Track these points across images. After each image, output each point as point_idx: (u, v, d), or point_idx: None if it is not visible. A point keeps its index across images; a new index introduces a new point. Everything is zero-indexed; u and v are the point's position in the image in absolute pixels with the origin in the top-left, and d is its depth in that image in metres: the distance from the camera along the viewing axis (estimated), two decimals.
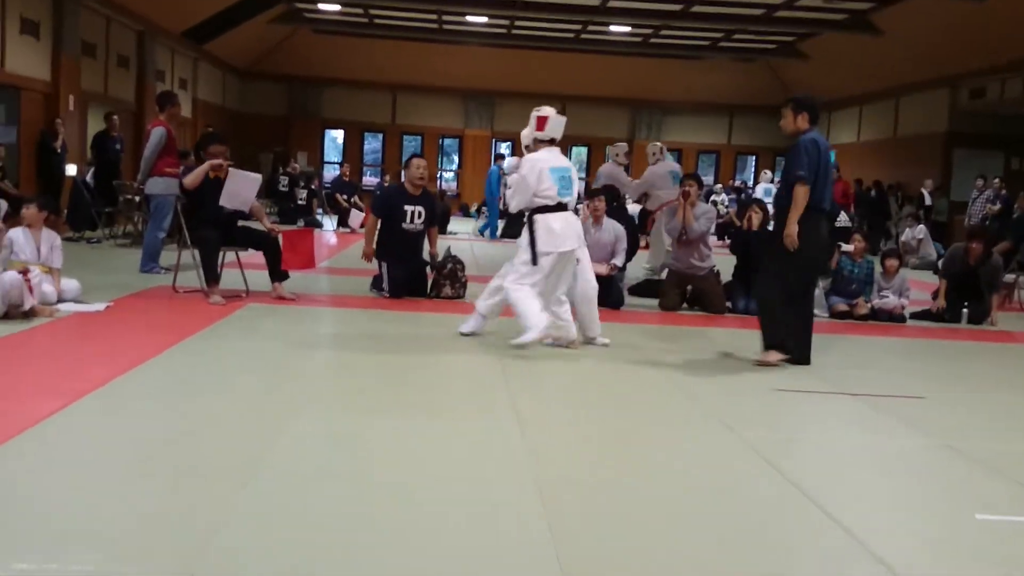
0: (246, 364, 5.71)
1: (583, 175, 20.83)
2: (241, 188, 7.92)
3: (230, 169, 7.92)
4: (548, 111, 6.44)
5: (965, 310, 9.27)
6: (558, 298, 6.52)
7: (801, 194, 6.11)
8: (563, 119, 6.45)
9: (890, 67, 20.02)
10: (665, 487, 3.80)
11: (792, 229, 6.10)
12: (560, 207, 6.37)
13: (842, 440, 4.81)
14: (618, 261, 8.74)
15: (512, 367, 5.89)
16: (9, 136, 13.09)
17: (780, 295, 6.33)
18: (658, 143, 13.21)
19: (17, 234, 6.91)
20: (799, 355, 6.43)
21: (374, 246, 8.63)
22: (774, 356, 6.35)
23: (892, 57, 19.53)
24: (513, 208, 6.63)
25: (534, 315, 6.20)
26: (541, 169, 6.31)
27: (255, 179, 8.08)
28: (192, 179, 7.93)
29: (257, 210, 8.41)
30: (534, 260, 6.29)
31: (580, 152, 26.94)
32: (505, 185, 14.09)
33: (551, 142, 6.45)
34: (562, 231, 6.32)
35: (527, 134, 6.49)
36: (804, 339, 6.49)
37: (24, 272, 6.45)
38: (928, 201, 18.24)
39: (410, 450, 4.09)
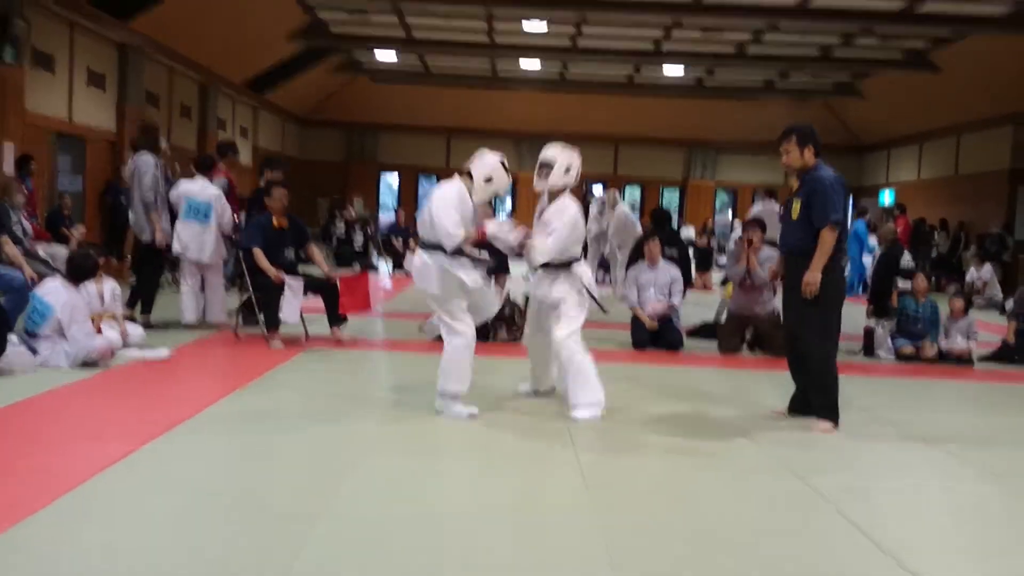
0: (307, 408, 5.71)
1: (639, 215, 20.78)
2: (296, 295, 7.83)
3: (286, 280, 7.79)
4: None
5: None
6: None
7: (832, 240, 5.55)
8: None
9: (950, 104, 19.73)
10: (734, 536, 3.70)
11: (817, 277, 5.50)
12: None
13: (916, 488, 4.64)
14: (675, 300, 8.89)
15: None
16: (76, 185, 13.44)
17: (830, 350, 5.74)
18: (614, 190, 14.53)
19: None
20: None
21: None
22: (829, 425, 5.71)
23: (952, 94, 19.25)
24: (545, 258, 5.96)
25: (598, 388, 5.76)
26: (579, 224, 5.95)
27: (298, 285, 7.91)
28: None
29: (316, 255, 8.50)
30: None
31: (634, 192, 26.92)
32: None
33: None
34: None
35: (567, 181, 5.94)
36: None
37: (98, 327, 6.69)
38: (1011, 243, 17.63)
39: (469, 494, 4.04)
